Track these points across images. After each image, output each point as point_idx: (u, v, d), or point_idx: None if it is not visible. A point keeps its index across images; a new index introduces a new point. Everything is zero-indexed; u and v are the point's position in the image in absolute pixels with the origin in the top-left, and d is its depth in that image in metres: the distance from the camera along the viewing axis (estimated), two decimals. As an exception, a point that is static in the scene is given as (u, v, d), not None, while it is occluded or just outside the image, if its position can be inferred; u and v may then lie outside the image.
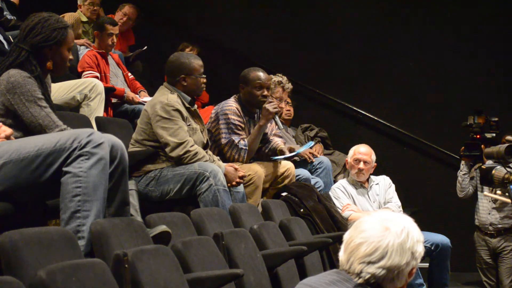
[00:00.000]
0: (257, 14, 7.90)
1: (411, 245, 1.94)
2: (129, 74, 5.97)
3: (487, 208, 5.80)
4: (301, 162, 5.51)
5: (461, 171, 5.83)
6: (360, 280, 1.93)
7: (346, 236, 1.99)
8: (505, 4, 7.30)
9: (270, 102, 4.63)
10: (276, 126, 4.84)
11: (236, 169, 4.08)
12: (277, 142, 4.83)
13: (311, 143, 5.19)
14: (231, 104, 4.61)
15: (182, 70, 4.10)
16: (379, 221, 1.96)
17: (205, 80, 4.20)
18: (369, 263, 1.91)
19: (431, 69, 7.43)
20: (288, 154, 4.71)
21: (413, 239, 1.95)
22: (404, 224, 1.96)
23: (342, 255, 1.98)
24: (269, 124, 4.76)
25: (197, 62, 4.15)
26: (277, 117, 4.68)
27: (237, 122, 4.55)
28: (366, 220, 1.98)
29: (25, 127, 2.95)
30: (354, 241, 1.95)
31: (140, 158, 3.96)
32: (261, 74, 4.66)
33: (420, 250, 1.97)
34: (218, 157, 4.32)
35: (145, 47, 6.67)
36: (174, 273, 2.56)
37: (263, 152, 4.78)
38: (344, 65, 7.55)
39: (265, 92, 4.65)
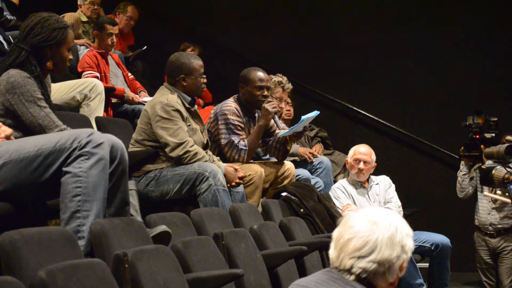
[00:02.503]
0: (257, 14, 7.90)
1: (401, 238, 1.94)
2: (129, 74, 5.97)
3: (487, 208, 5.80)
4: (301, 162, 5.51)
5: (461, 171, 5.83)
6: (352, 277, 1.92)
7: (335, 233, 1.99)
8: (505, 4, 7.30)
9: (269, 101, 4.61)
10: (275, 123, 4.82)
11: (236, 170, 4.08)
12: (280, 133, 4.81)
13: (316, 112, 4.77)
14: (230, 105, 4.60)
15: (182, 70, 4.10)
16: (366, 216, 1.96)
17: (205, 80, 4.20)
18: (359, 257, 1.91)
19: (431, 69, 7.43)
20: (293, 126, 4.63)
21: (402, 233, 1.96)
22: (392, 218, 1.97)
23: (332, 252, 1.98)
24: (270, 124, 4.75)
25: (197, 62, 4.15)
26: (276, 117, 4.67)
27: (236, 123, 4.54)
28: (354, 215, 1.98)
29: (25, 127, 2.95)
30: (344, 237, 1.95)
31: (140, 158, 3.97)
32: (261, 74, 4.66)
33: (410, 244, 1.97)
34: (218, 157, 4.32)
35: (145, 47, 6.67)
36: (174, 273, 2.56)
37: (270, 145, 4.77)
38: (344, 65, 7.55)
39: (265, 92, 4.64)
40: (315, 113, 4.70)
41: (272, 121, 4.71)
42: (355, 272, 1.92)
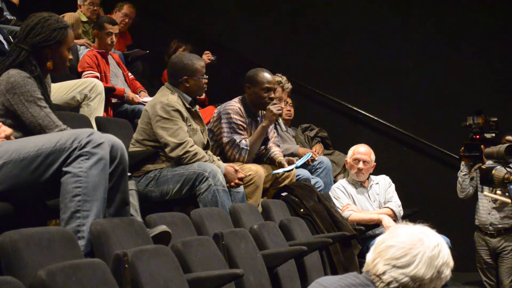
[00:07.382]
0: (256, 14, 7.89)
1: (440, 263, 1.93)
2: (129, 74, 5.96)
3: (487, 208, 5.80)
4: (301, 162, 5.51)
5: (461, 171, 5.83)
6: (381, 285, 1.91)
7: (379, 239, 1.99)
8: (505, 4, 7.30)
9: (274, 103, 4.65)
10: (275, 134, 4.85)
11: (236, 170, 4.08)
12: (275, 152, 4.80)
13: (309, 154, 4.99)
14: (233, 104, 4.62)
15: (185, 72, 4.12)
16: (415, 231, 1.95)
17: (206, 81, 4.22)
18: (394, 266, 1.90)
19: (431, 69, 7.42)
20: (287, 168, 4.68)
21: (444, 259, 1.95)
22: (439, 242, 1.96)
23: (369, 255, 1.97)
24: (269, 129, 4.76)
25: (199, 64, 4.16)
26: (280, 119, 4.70)
27: (239, 122, 4.56)
28: (403, 227, 1.98)
29: (25, 127, 2.94)
30: (385, 243, 1.94)
31: (140, 158, 3.97)
32: (269, 76, 4.68)
33: (447, 273, 1.95)
34: (219, 157, 4.32)
35: (147, 51, 6.69)
36: (174, 273, 2.56)
37: (261, 160, 4.79)
38: (344, 65, 7.55)
39: (272, 94, 4.68)
40: (307, 155, 4.82)
41: (272, 131, 4.75)
42: (386, 280, 1.91)
